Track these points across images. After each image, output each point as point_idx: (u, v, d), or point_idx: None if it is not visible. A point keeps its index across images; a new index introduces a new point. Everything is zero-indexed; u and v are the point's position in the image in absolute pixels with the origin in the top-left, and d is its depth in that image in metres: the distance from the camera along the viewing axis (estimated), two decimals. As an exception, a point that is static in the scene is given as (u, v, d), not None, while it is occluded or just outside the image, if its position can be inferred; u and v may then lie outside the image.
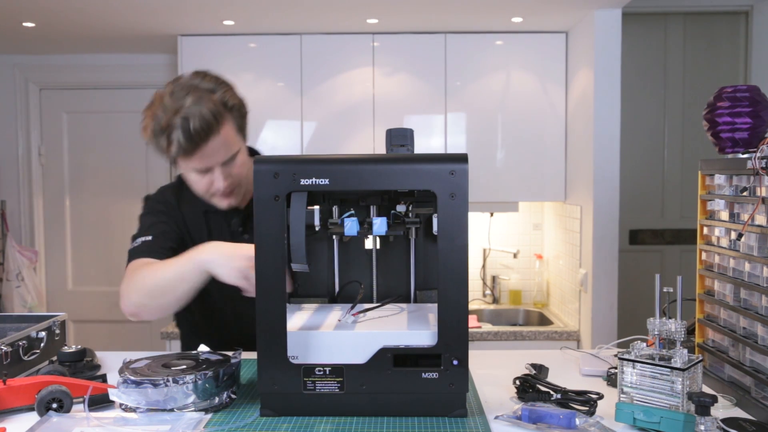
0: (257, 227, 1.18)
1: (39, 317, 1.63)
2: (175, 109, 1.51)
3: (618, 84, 3.12)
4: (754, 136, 1.38)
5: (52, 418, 1.20)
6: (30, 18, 3.23)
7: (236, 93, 1.64)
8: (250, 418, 1.21)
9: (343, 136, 3.52)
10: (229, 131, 1.59)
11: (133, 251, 1.62)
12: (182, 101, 1.52)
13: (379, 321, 1.29)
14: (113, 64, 4.12)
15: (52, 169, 4.23)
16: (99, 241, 4.19)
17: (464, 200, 1.16)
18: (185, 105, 1.51)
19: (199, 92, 1.55)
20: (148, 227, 1.67)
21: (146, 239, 1.62)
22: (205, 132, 1.52)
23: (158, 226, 1.67)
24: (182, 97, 1.53)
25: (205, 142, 1.53)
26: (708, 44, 3.81)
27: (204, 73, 1.61)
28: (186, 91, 1.54)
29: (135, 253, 1.62)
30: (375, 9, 3.08)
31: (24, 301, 3.92)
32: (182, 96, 1.53)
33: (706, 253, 1.46)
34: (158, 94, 1.59)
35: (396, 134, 1.30)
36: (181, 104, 1.52)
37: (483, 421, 1.20)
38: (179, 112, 1.51)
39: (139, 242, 1.63)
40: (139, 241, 1.63)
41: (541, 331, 3.31)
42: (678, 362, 1.15)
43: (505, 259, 3.91)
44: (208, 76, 1.61)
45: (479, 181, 3.44)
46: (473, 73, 3.51)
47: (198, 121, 1.51)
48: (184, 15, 3.17)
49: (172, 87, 1.57)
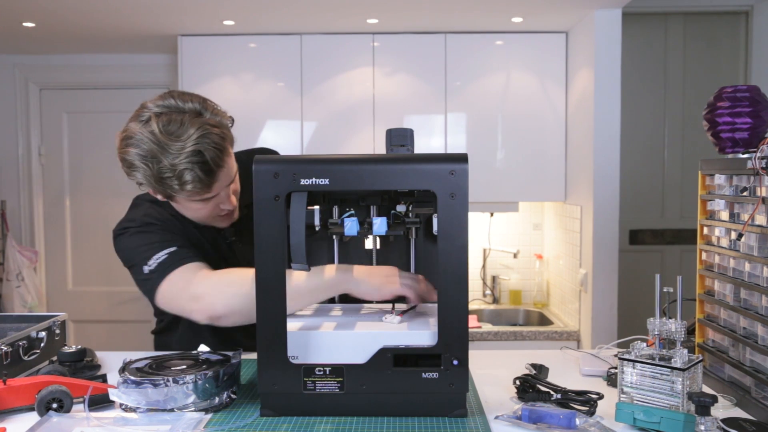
0: (257, 227, 1.18)
1: (39, 317, 1.63)
2: (180, 146, 1.39)
3: (618, 84, 3.12)
4: (754, 136, 1.38)
5: (53, 418, 1.20)
6: (30, 18, 3.23)
7: (218, 107, 1.52)
8: (250, 418, 1.21)
9: (343, 136, 3.52)
10: (230, 150, 1.50)
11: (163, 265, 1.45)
12: (184, 135, 1.39)
13: (379, 321, 1.29)
14: (113, 64, 4.12)
15: (52, 169, 4.23)
16: (99, 241, 4.19)
17: (464, 200, 1.16)
18: (191, 138, 1.39)
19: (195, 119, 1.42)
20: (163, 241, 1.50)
21: (172, 250, 1.47)
22: (220, 159, 1.43)
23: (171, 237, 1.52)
24: (178, 129, 1.40)
25: (221, 169, 1.45)
26: (708, 44, 3.81)
27: (175, 93, 1.47)
28: (178, 121, 1.41)
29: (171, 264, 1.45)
30: (375, 9, 3.08)
31: (24, 301, 3.92)
32: (178, 128, 1.40)
33: (706, 253, 1.46)
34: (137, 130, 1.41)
35: (396, 134, 1.30)
36: (185, 139, 1.39)
37: (483, 421, 1.20)
38: (185, 147, 1.39)
39: (165, 255, 1.46)
40: (164, 254, 1.46)
41: (541, 331, 3.31)
42: (678, 362, 1.14)
43: (505, 259, 3.91)
44: (183, 95, 1.47)
45: (479, 181, 3.44)
46: (473, 73, 3.51)
47: (212, 152, 1.41)
48: (184, 15, 3.17)
49: (156, 120, 1.40)
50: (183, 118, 1.42)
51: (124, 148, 1.44)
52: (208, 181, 1.44)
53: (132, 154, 1.42)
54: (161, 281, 1.44)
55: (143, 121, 1.42)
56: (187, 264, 1.45)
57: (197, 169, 1.40)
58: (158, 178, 1.42)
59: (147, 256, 1.47)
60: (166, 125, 1.40)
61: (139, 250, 1.50)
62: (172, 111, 1.43)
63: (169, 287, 1.44)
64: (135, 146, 1.41)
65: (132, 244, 1.53)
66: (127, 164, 1.44)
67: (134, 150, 1.41)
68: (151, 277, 1.46)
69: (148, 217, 1.57)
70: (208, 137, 1.41)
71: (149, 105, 1.45)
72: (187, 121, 1.42)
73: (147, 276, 1.47)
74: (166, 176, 1.41)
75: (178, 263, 1.45)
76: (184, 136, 1.40)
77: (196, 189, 1.43)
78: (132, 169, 1.44)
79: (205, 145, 1.40)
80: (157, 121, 1.40)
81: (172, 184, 1.42)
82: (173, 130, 1.40)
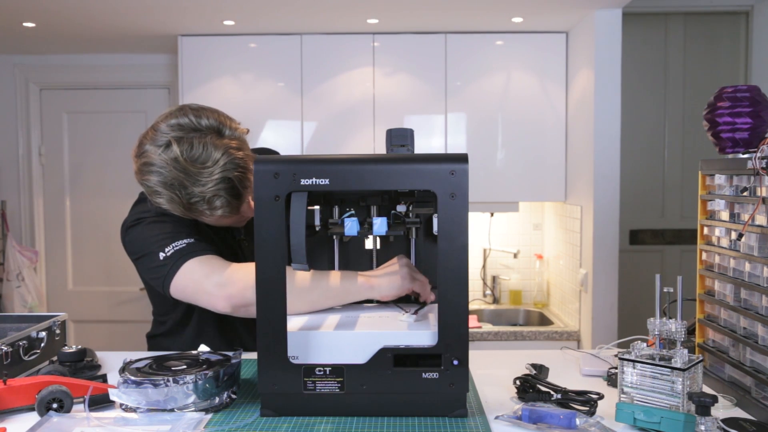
0: (257, 227, 1.18)
1: (39, 317, 1.63)
2: (208, 175, 1.38)
3: (618, 84, 3.12)
4: (754, 136, 1.38)
5: (53, 418, 1.20)
6: (30, 18, 3.23)
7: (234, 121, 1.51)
8: (250, 418, 1.21)
9: (343, 136, 3.53)
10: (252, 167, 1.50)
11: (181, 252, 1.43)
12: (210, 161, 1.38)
13: (379, 321, 1.29)
14: (113, 64, 4.12)
15: (52, 169, 4.23)
16: (99, 241, 4.19)
17: (464, 200, 1.16)
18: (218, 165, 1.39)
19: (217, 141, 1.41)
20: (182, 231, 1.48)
21: (190, 241, 1.45)
22: (247, 180, 1.43)
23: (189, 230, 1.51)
24: (201, 154, 1.38)
25: (247, 189, 1.45)
26: (708, 44, 3.81)
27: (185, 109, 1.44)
28: (200, 144, 1.39)
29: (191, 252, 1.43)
30: (375, 9, 3.08)
31: (24, 301, 3.92)
32: (201, 153, 1.38)
33: (707, 253, 1.46)
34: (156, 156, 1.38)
35: (396, 134, 1.30)
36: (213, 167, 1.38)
37: (483, 421, 1.20)
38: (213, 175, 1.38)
39: (184, 243, 1.44)
40: (183, 242, 1.44)
41: (541, 331, 3.31)
42: (678, 362, 1.14)
43: (505, 259, 3.92)
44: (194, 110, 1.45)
45: (479, 181, 3.44)
46: (473, 73, 3.51)
47: (239, 176, 1.42)
48: (184, 15, 3.17)
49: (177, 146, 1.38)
50: (205, 142, 1.40)
51: (146, 176, 1.42)
52: (237, 204, 1.46)
53: (154, 182, 1.41)
54: (179, 267, 1.42)
55: (162, 146, 1.40)
56: (208, 255, 1.44)
57: (226, 194, 1.42)
58: (187, 204, 1.42)
59: (164, 244, 1.45)
60: (188, 151, 1.39)
61: (156, 238, 1.48)
62: (190, 133, 1.41)
63: (189, 273, 1.42)
64: (157, 174, 1.40)
65: (148, 232, 1.51)
66: (149, 191, 1.44)
67: (156, 178, 1.40)
68: (167, 263, 1.44)
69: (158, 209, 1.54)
70: (233, 162, 1.42)
71: (163, 127, 1.42)
72: (210, 144, 1.40)
73: (163, 262, 1.44)
74: (195, 202, 1.41)
75: (199, 253, 1.43)
76: (209, 162, 1.39)
77: (226, 213, 1.45)
78: (155, 196, 1.43)
79: (232, 172, 1.41)
80: (179, 147, 1.38)
81: (203, 209, 1.43)
82: (197, 157, 1.39)
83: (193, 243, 1.46)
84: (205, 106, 1.49)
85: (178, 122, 1.42)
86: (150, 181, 1.41)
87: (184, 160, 1.38)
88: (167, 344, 1.72)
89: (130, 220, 1.58)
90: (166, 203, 1.43)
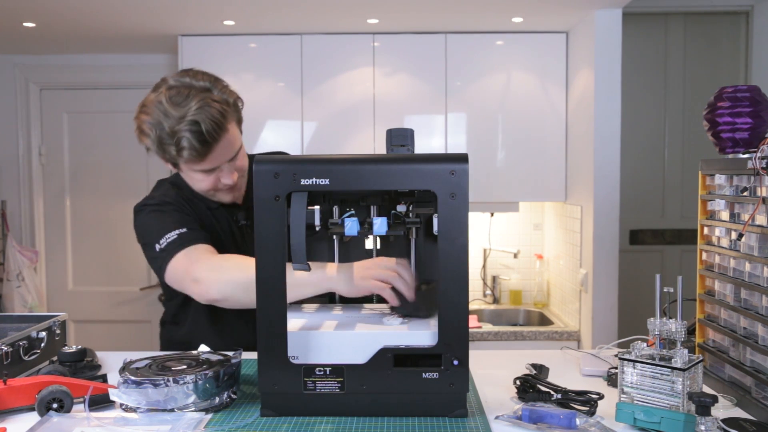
0: (257, 227, 1.18)
1: (39, 317, 1.63)
2: (181, 115, 1.50)
3: (618, 84, 3.12)
4: (754, 136, 1.38)
5: (53, 418, 1.20)
6: (30, 18, 3.23)
7: (229, 87, 1.64)
8: (250, 418, 1.21)
9: (344, 136, 3.52)
10: (233, 127, 1.59)
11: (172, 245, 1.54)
12: (186, 106, 1.50)
13: (379, 321, 1.29)
14: (113, 64, 4.12)
15: (52, 169, 4.23)
16: (99, 241, 4.19)
17: (464, 200, 1.16)
18: (191, 109, 1.50)
19: (200, 94, 1.53)
20: (175, 222, 1.59)
21: (182, 231, 1.56)
22: (216, 133, 1.52)
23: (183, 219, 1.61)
24: (183, 100, 1.51)
25: (216, 142, 1.54)
26: (708, 44, 3.81)
27: (192, 72, 1.59)
28: (185, 94, 1.52)
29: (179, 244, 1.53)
30: (375, 9, 3.08)
31: (24, 301, 3.92)
32: (182, 100, 1.51)
33: (707, 253, 1.46)
34: (151, 99, 1.55)
35: (396, 134, 1.30)
36: (186, 109, 1.50)
37: (483, 421, 1.20)
38: (185, 117, 1.49)
39: (175, 235, 1.55)
40: (174, 234, 1.55)
41: (541, 331, 3.31)
42: (678, 362, 1.14)
43: (505, 259, 3.91)
44: (198, 73, 1.59)
45: (479, 181, 3.44)
46: (473, 73, 3.51)
47: (209, 124, 1.50)
48: (184, 15, 3.17)
49: (167, 92, 1.53)
50: (189, 92, 1.53)
51: (139, 115, 1.57)
52: (203, 151, 1.53)
53: (143, 121, 1.55)
54: (169, 260, 1.53)
55: (157, 93, 1.56)
56: (195, 245, 1.54)
57: (193, 138, 1.50)
58: (160, 142, 1.53)
59: (159, 236, 1.57)
60: (173, 96, 1.52)
61: (153, 228, 1.60)
62: (183, 86, 1.55)
63: (175, 266, 1.53)
64: (146, 113, 1.55)
65: (147, 221, 1.64)
66: (139, 130, 1.58)
67: (145, 117, 1.55)
68: (161, 255, 1.55)
69: (165, 197, 1.68)
70: (206, 110, 1.51)
71: (167, 78, 1.58)
72: (193, 94, 1.53)
73: (158, 254, 1.56)
74: (166, 142, 1.52)
75: (187, 244, 1.54)
76: (184, 105, 1.51)
77: (192, 156, 1.53)
78: (142, 134, 1.57)
79: (202, 116, 1.50)
80: (167, 93, 1.53)
81: (170, 149, 1.53)
82: (178, 101, 1.51)
83: (184, 233, 1.56)
84: (210, 73, 1.62)
85: (179, 78, 1.58)
86: (141, 120, 1.56)
87: (166, 101, 1.52)
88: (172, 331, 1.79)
89: (137, 206, 1.70)
90: (150, 142, 1.56)
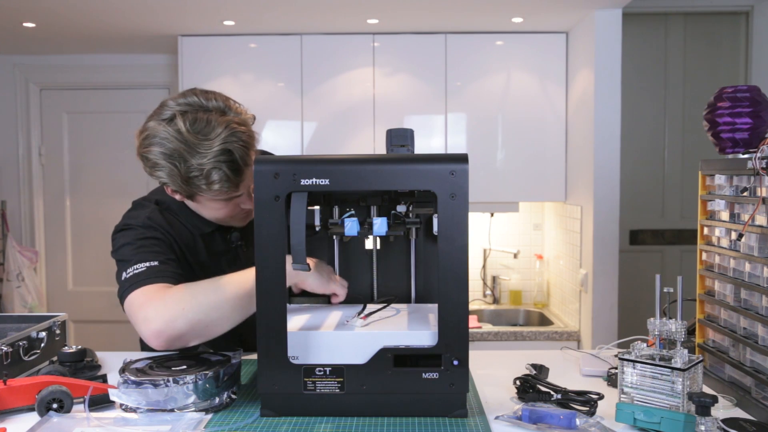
0: (257, 227, 1.18)
1: (39, 317, 1.63)
2: (209, 146, 1.37)
3: (618, 84, 3.12)
4: (754, 136, 1.38)
5: (53, 419, 1.20)
6: (30, 18, 3.23)
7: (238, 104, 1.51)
8: (250, 418, 1.21)
9: (343, 136, 3.53)
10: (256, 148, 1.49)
11: (137, 276, 1.39)
12: (212, 134, 1.38)
13: (379, 321, 1.29)
14: (113, 64, 4.12)
15: (52, 169, 4.23)
16: (99, 241, 4.18)
17: (464, 200, 1.16)
18: (219, 137, 1.38)
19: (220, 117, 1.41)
20: (148, 252, 1.45)
21: (150, 265, 1.41)
22: (248, 158, 1.42)
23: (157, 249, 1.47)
24: (204, 127, 1.38)
25: (249, 168, 1.43)
26: (708, 44, 3.81)
27: (196, 91, 1.46)
28: (204, 119, 1.39)
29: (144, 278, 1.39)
30: (375, 9, 3.08)
31: (24, 301, 3.92)
32: (204, 127, 1.38)
33: (707, 254, 1.46)
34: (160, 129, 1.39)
35: (396, 134, 1.30)
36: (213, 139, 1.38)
37: (483, 421, 1.20)
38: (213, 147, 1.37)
39: (144, 267, 1.41)
40: (142, 267, 1.41)
41: (541, 332, 3.31)
42: (678, 362, 1.14)
43: (505, 259, 3.91)
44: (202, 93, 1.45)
45: (479, 182, 3.44)
46: (473, 73, 3.51)
47: (240, 151, 1.40)
48: (184, 15, 3.17)
49: (181, 118, 1.39)
50: (209, 117, 1.40)
51: (147, 147, 1.41)
52: (236, 180, 1.42)
53: (155, 153, 1.39)
54: (127, 296, 1.39)
55: (166, 120, 1.40)
56: (156, 284, 1.38)
57: (225, 168, 1.39)
58: (185, 177, 1.40)
59: (129, 264, 1.43)
60: (192, 124, 1.38)
61: (126, 253, 1.46)
62: (196, 109, 1.41)
63: (130, 303, 1.38)
64: (159, 145, 1.39)
65: (123, 243, 1.49)
66: (150, 164, 1.42)
67: (158, 149, 1.39)
68: (124, 285, 1.41)
69: (150, 221, 1.53)
70: (236, 135, 1.40)
71: (170, 103, 1.42)
72: (214, 119, 1.40)
73: (122, 282, 1.42)
74: (193, 176, 1.39)
75: (151, 281, 1.39)
76: (212, 135, 1.38)
77: (224, 189, 1.42)
78: (156, 168, 1.41)
79: (233, 144, 1.39)
80: (183, 120, 1.38)
81: (200, 183, 1.40)
82: (200, 129, 1.38)
83: (153, 267, 1.41)
84: (215, 91, 1.48)
85: (186, 100, 1.43)
86: (151, 152, 1.40)
87: (186, 131, 1.37)
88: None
89: (119, 225, 1.56)
90: (166, 177, 1.41)
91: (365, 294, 1.46)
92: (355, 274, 1.47)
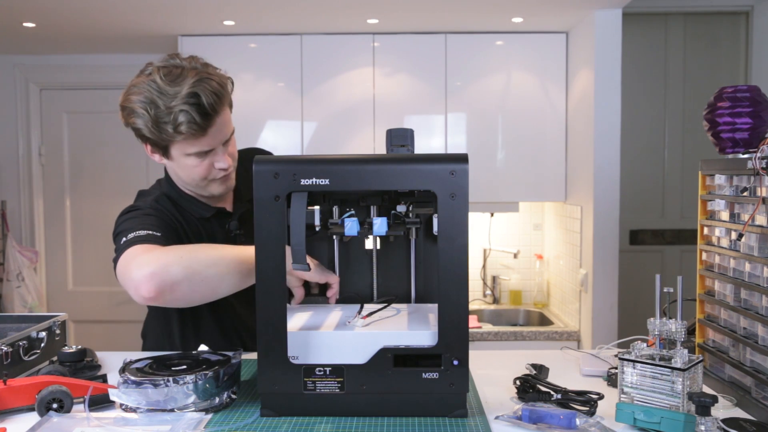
0: (257, 228, 1.18)
1: (39, 317, 1.63)
2: (178, 90, 1.45)
3: (618, 84, 3.12)
4: (754, 136, 1.38)
5: (53, 419, 1.20)
6: (30, 18, 3.23)
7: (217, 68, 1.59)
8: (250, 418, 1.21)
9: (343, 136, 3.52)
10: (227, 109, 1.57)
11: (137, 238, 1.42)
12: (182, 81, 1.46)
13: (379, 321, 1.29)
14: (113, 64, 4.12)
15: (52, 169, 4.23)
16: (99, 241, 4.19)
17: (464, 200, 1.16)
18: (188, 83, 1.45)
19: (194, 70, 1.49)
20: (150, 225, 1.50)
21: (152, 233, 1.46)
22: (217, 105, 1.48)
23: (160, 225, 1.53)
24: (177, 77, 1.47)
25: (217, 115, 1.49)
26: (708, 44, 3.81)
27: (179, 55, 1.55)
28: (178, 72, 1.48)
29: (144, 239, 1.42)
30: (375, 9, 3.08)
31: (24, 301, 3.92)
32: (177, 77, 1.47)
33: (707, 254, 1.46)
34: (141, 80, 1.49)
35: (396, 134, 1.30)
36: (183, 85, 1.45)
37: (483, 421, 1.20)
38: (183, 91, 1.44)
39: (143, 234, 1.44)
40: (143, 233, 1.45)
41: (541, 332, 3.31)
42: (678, 362, 1.14)
43: (505, 259, 3.91)
44: (186, 57, 1.55)
45: (479, 182, 3.44)
46: (473, 73, 3.51)
47: (209, 96, 1.46)
48: (184, 15, 3.17)
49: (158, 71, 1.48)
50: (183, 71, 1.49)
51: (127, 97, 1.50)
52: (203, 124, 1.47)
53: (133, 101, 1.48)
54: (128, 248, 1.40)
55: (146, 74, 1.50)
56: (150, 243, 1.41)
57: (192, 111, 1.45)
58: (155, 122, 1.46)
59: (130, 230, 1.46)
60: (166, 74, 1.47)
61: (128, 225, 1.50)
62: (175, 66, 1.50)
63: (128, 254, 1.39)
64: (136, 94, 1.48)
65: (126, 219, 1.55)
66: (128, 111, 1.50)
67: (135, 97, 1.48)
68: (122, 247, 1.42)
69: (157, 203, 1.61)
70: (205, 82, 1.47)
71: (153, 62, 1.53)
72: (187, 72, 1.48)
73: (120, 245, 1.44)
74: (162, 120, 1.45)
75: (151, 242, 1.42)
76: (183, 82, 1.46)
77: (191, 130, 1.46)
78: (132, 115, 1.49)
79: (201, 88, 1.46)
80: (158, 72, 1.48)
81: (167, 127, 1.46)
82: (173, 78, 1.47)
83: (154, 235, 1.46)
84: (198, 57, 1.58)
85: (168, 59, 1.53)
86: (130, 101, 1.48)
87: (160, 79, 1.46)
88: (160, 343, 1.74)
89: (125, 208, 1.62)
90: (141, 124, 1.48)
91: (365, 294, 1.46)
92: (355, 274, 1.47)
